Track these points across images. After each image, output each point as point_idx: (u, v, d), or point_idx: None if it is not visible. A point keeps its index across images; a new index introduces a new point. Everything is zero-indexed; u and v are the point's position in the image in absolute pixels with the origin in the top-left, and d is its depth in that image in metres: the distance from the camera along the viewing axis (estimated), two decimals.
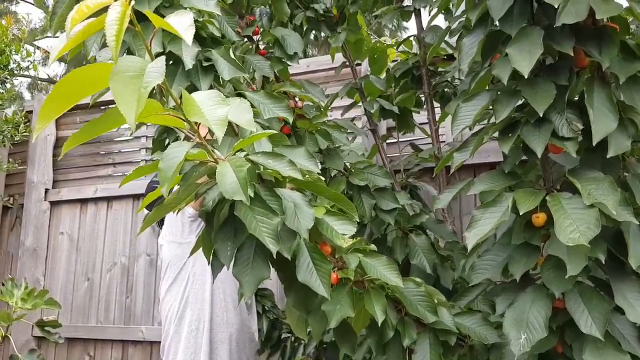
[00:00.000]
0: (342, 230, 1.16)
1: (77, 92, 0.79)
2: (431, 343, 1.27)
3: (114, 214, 3.64)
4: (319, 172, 1.18)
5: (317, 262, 1.12)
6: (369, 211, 1.87)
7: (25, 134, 3.75)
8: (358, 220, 1.19)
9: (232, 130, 1.17)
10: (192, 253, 1.27)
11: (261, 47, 2.03)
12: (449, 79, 2.47)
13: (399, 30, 9.90)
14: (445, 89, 2.47)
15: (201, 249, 1.19)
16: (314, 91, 2.05)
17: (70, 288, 3.64)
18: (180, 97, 0.94)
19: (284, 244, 1.06)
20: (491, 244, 1.38)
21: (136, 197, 3.59)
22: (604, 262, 1.15)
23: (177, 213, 1.77)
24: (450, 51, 2.55)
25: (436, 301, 1.29)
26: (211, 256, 1.14)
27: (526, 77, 1.12)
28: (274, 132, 1.06)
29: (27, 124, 3.84)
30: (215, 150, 1.04)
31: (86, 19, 0.85)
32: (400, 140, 2.83)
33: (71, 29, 0.83)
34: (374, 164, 1.93)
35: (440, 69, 2.52)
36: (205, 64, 1.36)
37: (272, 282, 2.98)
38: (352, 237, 1.21)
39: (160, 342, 3.34)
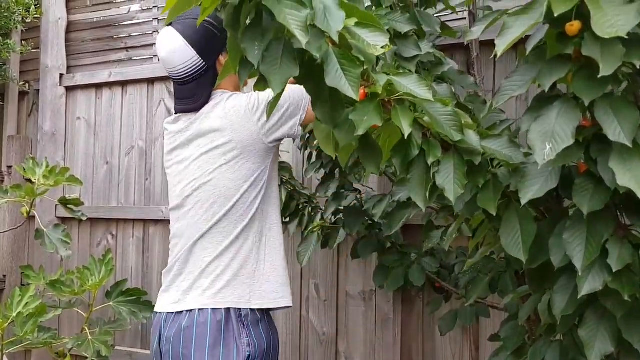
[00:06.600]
0: (374, 42, 1.14)
1: None
2: (455, 163, 1.27)
3: (129, 98, 3.63)
4: None
5: (346, 68, 1.10)
6: (390, 59, 1.83)
7: (36, 16, 3.68)
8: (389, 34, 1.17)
9: None
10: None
11: None
12: None
13: None
14: None
15: None
16: None
17: (90, 172, 3.70)
18: None
19: (312, 44, 1.05)
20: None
21: (151, 81, 3.57)
22: (638, 68, 1.13)
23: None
24: None
25: (463, 122, 1.28)
26: (238, 64, 1.14)
27: None
28: None
29: (37, 6, 3.76)
30: None
31: None
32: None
33: None
34: (396, 10, 1.87)
35: None
36: None
37: (289, 155, 3.01)
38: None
39: None
